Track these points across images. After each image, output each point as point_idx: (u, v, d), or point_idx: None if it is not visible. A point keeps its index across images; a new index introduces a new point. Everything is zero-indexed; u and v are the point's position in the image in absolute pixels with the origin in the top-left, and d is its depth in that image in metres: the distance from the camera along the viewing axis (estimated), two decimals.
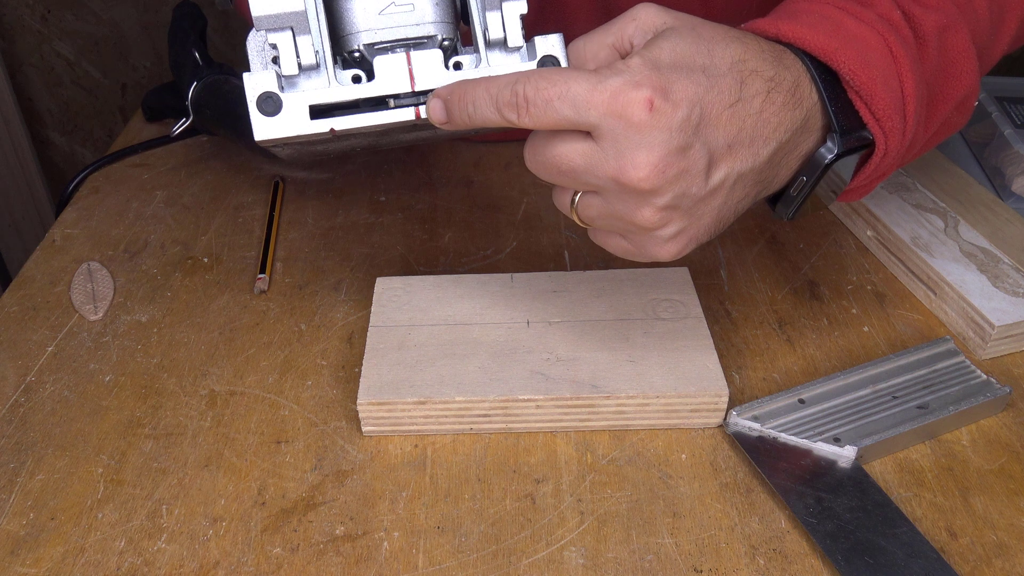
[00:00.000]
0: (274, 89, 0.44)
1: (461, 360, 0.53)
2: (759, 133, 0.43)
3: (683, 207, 0.43)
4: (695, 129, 0.41)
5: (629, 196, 0.42)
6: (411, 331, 0.55)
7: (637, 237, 0.45)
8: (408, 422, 0.51)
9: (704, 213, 0.44)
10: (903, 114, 0.46)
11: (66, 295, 0.64)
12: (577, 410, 0.51)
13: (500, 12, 0.45)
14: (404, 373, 0.52)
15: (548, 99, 0.40)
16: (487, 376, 0.51)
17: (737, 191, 0.44)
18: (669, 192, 0.41)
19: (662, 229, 0.43)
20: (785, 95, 0.43)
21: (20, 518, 0.47)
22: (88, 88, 1.45)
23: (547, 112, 0.41)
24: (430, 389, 0.51)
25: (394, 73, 0.45)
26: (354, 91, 0.45)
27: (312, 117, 0.45)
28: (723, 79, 0.42)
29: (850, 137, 0.45)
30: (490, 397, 0.50)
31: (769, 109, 0.43)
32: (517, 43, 0.46)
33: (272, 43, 0.44)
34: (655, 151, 0.40)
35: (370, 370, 0.52)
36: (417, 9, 0.45)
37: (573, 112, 0.40)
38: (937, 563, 0.43)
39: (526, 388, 0.51)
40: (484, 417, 0.51)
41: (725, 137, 0.42)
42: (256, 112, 0.44)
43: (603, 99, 0.40)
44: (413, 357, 0.53)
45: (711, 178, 0.42)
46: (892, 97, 0.45)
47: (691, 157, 0.41)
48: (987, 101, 0.83)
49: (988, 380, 0.53)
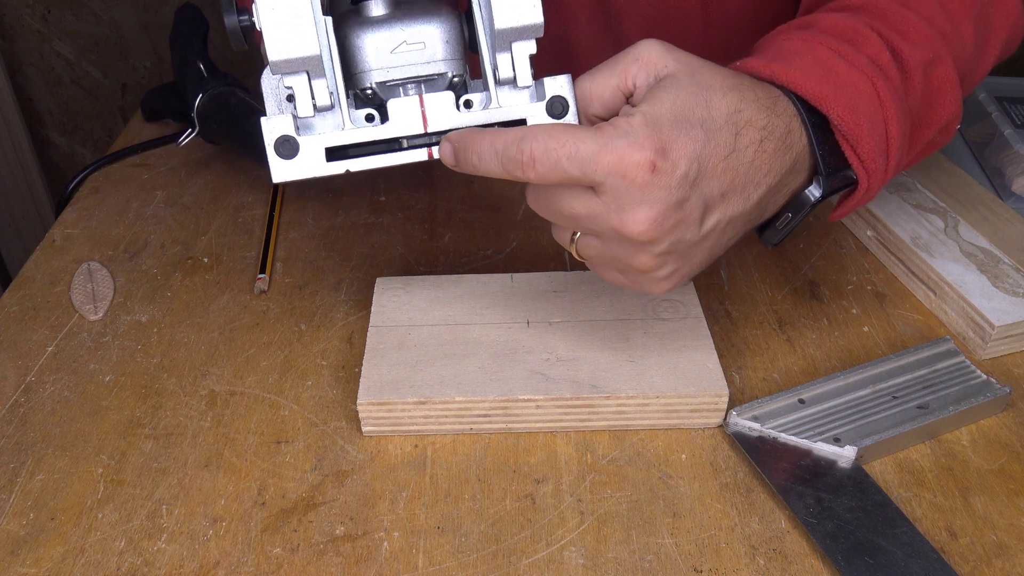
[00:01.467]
0: (291, 132, 0.45)
1: (461, 360, 0.53)
2: (751, 179, 0.45)
3: (678, 252, 0.45)
4: (692, 184, 0.43)
5: (628, 244, 0.45)
6: (411, 331, 0.55)
7: (633, 276, 0.47)
8: (408, 422, 0.51)
9: (696, 254, 0.47)
10: (886, 155, 0.49)
11: (66, 295, 0.64)
12: (577, 410, 0.51)
13: (510, 53, 0.46)
14: (404, 373, 0.52)
15: (556, 160, 0.43)
16: (487, 376, 0.51)
17: (728, 232, 0.47)
18: (666, 241, 0.44)
19: (657, 271, 0.46)
20: (776, 142, 0.45)
21: (20, 518, 0.47)
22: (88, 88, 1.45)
23: (554, 171, 0.43)
24: (430, 389, 0.51)
25: (407, 115, 0.46)
26: (368, 133, 0.46)
27: (328, 159, 0.46)
28: (719, 133, 0.44)
29: (835, 178, 0.48)
30: (490, 397, 0.50)
31: (761, 157, 0.45)
32: (526, 82, 0.47)
33: (288, 85, 0.45)
34: (655, 207, 0.43)
35: (370, 370, 0.52)
36: (428, 47, 0.46)
37: (580, 172, 0.42)
38: (937, 563, 0.43)
39: (526, 388, 0.51)
40: (484, 417, 0.51)
41: (719, 187, 0.44)
42: (274, 155, 0.45)
43: (608, 160, 0.42)
44: (413, 357, 0.53)
45: (704, 224, 0.45)
46: (877, 141, 0.48)
47: (687, 209, 0.44)
48: (987, 101, 0.83)
49: (988, 380, 0.53)
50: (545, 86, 0.47)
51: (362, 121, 0.47)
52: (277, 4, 0.44)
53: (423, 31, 0.46)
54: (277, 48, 0.44)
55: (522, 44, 0.46)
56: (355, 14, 0.47)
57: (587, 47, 0.74)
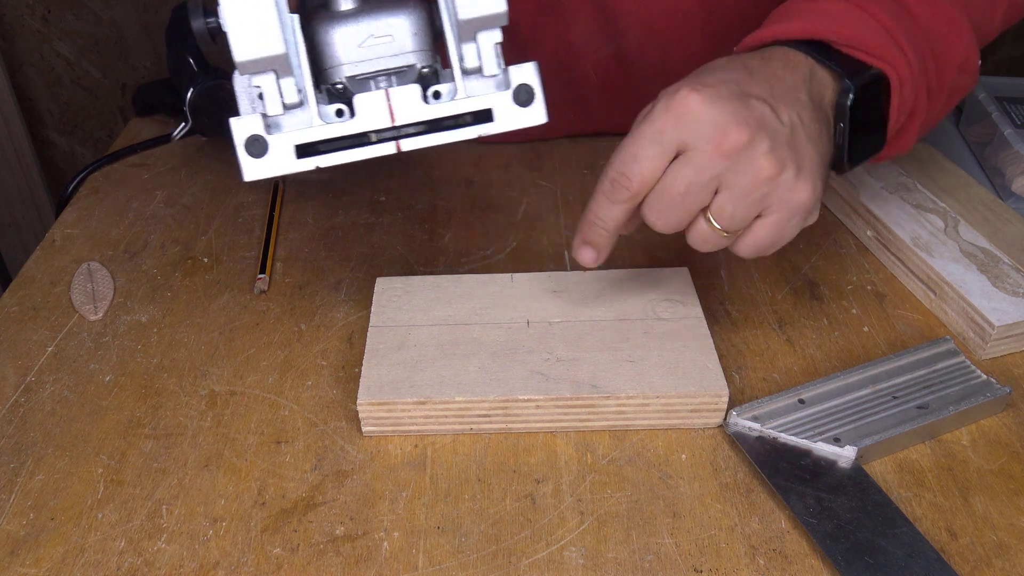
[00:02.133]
0: (260, 132, 0.45)
1: (461, 360, 0.53)
2: (783, 85, 0.49)
3: (782, 143, 0.46)
4: (739, 91, 0.47)
5: (741, 162, 0.46)
6: (411, 331, 0.55)
7: (773, 199, 0.47)
8: (408, 422, 0.51)
9: (802, 146, 0.48)
10: (898, 45, 0.51)
11: (66, 295, 0.64)
12: (577, 410, 0.51)
13: (475, 43, 0.46)
14: (404, 373, 0.52)
15: (633, 155, 0.46)
16: (487, 376, 0.51)
17: (810, 126, 0.48)
18: (763, 135, 0.46)
19: (784, 172, 0.46)
20: (777, 62, 0.50)
21: (20, 518, 0.47)
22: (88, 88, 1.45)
23: (641, 161, 0.46)
24: (430, 389, 0.51)
25: (374, 109, 0.46)
26: (337, 129, 0.46)
27: (298, 156, 0.46)
28: (733, 71, 0.49)
29: (860, 76, 0.51)
30: (490, 397, 0.50)
31: (777, 72, 0.49)
32: (493, 71, 0.47)
33: (256, 84, 0.45)
34: (727, 115, 0.45)
35: (370, 370, 0.52)
36: (396, 40, 0.46)
37: (657, 145, 0.46)
38: (937, 563, 0.43)
39: (526, 388, 0.51)
40: (484, 417, 0.51)
41: (763, 91, 0.48)
42: (244, 154, 0.46)
43: (664, 117, 0.46)
44: (413, 357, 0.53)
45: (782, 117, 0.47)
46: (877, 36, 0.51)
47: (754, 106, 0.46)
48: (987, 101, 0.83)
49: (988, 380, 0.53)
50: (511, 74, 0.47)
51: (332, 116, 0.47)
52: (241, 5, 0.44)
53: (390, 24, 0.46)
54: (243, 49, 0.44)
55: (487, 33, 0.46)
56: (324, 8, 0.47)
57: (586, 45, 0.74)
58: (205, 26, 0.46)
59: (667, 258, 0.66)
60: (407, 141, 0.47)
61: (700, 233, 0.49)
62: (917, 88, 0.53)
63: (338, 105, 0.47)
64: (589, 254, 0.51)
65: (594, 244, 0.50)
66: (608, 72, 0.75)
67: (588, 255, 0.51)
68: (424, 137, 0.47)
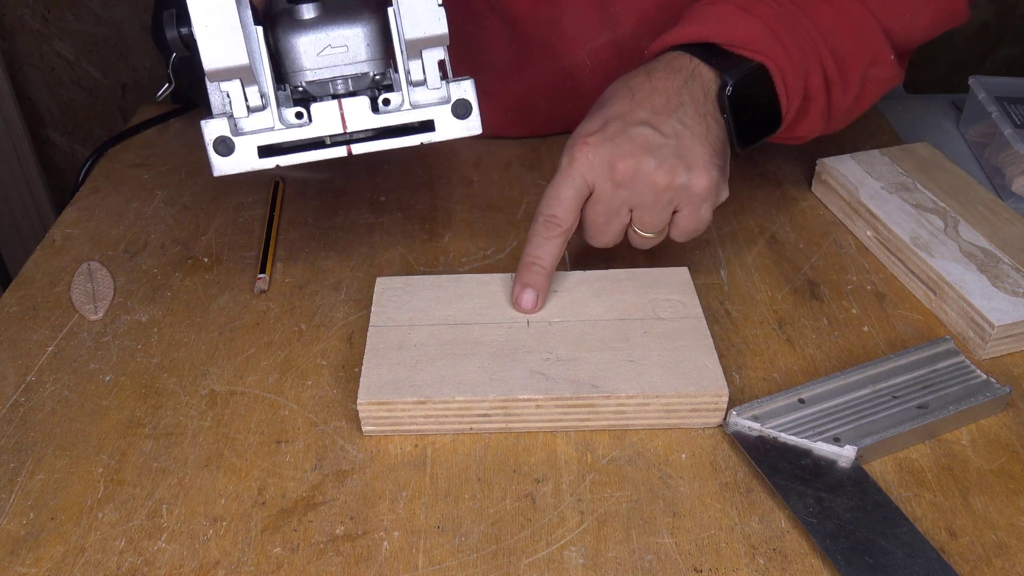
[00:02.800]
0: (227, 133, 0.51)
1: (461, 360, 0.53)
2: (661, 98, 0.56)
3: (668, 155, 0.54)
4: (620, 126, 0.55)
5: (637, 184, 0.54)
6: (411, 331, 0.55)
7: (679, 198, 0.55)
8: (408, 422, 0.51)
9: (688, 147, 0.55)
10: (778, 40, 0.58)
11: (66, 295, 0.64)
12: (577, 410, 0.51)
13: (420, 60, 0.52)
14: (404, 373, 0.52)
15: (556, 198, 0.55)
16: (487, 376, 0.51)
17: (693, 127, 0.55)
18: (647, 158, 0.54)
19: (676, 177, 0.54)
20: (660, 72, 0.58)
21: (20, 518, 0.47)
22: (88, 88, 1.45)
23: (563, 202, 0.55)
24: (430, 389, 0.51)
25: (328, 118, 0.52)
26: (295, 133, 0.52)
27: (260, 155, 0.52)
28: (616, 103, 0.57)
29: (739, 70, 0.58)
30: (490, 397, 0.50)
31: (658, 85, 0.57)
32: (435, 85, 0.53)
33: (225, 91, 0.51)
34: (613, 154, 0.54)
35: (370, 370, 0.52)
36: (351, 50, 0.52)
37: (571, 188, 0.55)
38: (937, 563, 0.43)
39: (526, 388, 0.51)
40: (484, 417, 0.51)
41: (644, 114, 0.56)
42: (212, 152, 0.52)
43: (569, 168, 0.55)
44: (413, 357, 0.53)
45: (664, 130, 0.55)
46: (757, 33, 0.58)
47: (635, 135, 0.54)
48: (987, 101, 0.83)
49: (988, 380, 0.53)
50: (451, 90, 0.53)
51: (292, 119, 0.52)
52: (210, 20, 0.48)
53: (346, 35, 0.51)
54: (211, 59, 0.49)
55: (431, 52, 0.52)
56: (288, 15, 0.52)
57: (580, 31, 0.74)
58: (179, 35, 0.51)
59: (667, 258, 0.66)
60: (357, 146, 0.53)
61: (635, 240, 0.58)
62: (807, 76, 0.59)
63: (297, 108, 0.52)
64: (529, 297, 0.56)
65: (534, 285, 0.56)
66: (604, 60, 0.75)
67: (529, 298, 0.56)
68: (373, 143, 0.53)
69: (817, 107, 0.62)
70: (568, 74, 0.77)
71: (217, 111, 0.53)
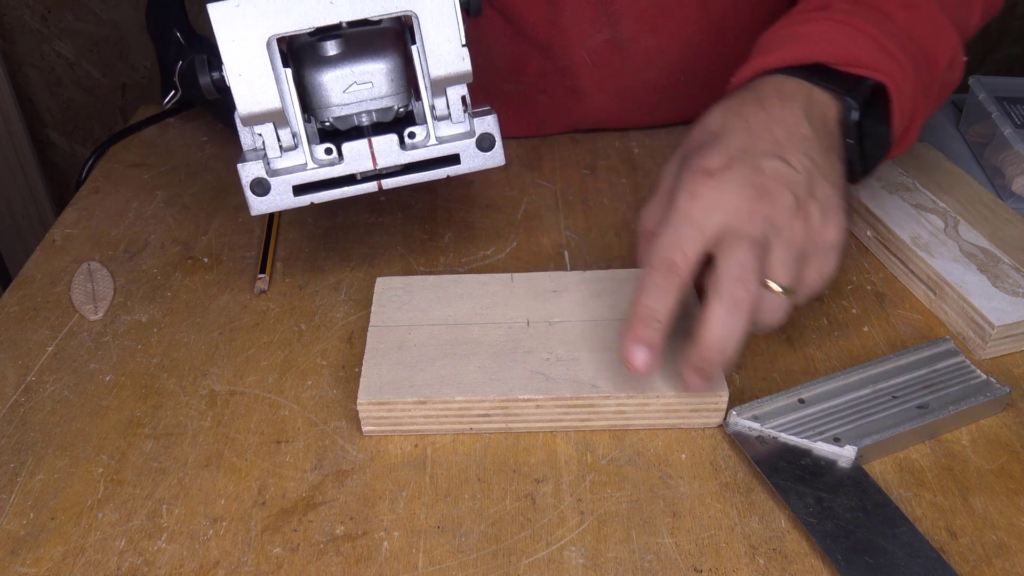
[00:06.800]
0: (263, 175, 0.53)
1: (461, 360, 0.53)
2: (784, 129, 0.49)
3: (802, 193, 0.47)
4: (748, 160, 0.47)
5: (775, 224, 0.46)
6: (411, 331, 0.55)
7: (810, 247, 0.47)
8: (408, 422, 0.51)
9: (820, 186, 0.48)
10: (889, 54, 0.52)
11: (66, 295, 0.64)
12: (577, 410, 0.51)
13: (445, 96, 0.54)
14: (404, 373, 0.52)
15: (676, 242, 0.46)
16: (487, 376, 0.51)
17: (821, 163, 0.49)
18: (784, 193, 0.47)
19: (810, 219, 0.47)
20: (772, 99, 0.51)
21: (20, 518, 0.47)
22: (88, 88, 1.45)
23: (685, 246, 0.46)
24: (430, 389, 0.51)
25: (359, 155, 0.54)
26: (328, 172, 0.54)
27: (295, 194, 0.54)
28: (734, 135, 0.49)
29: (860, 91, 0.52)
30: (490, 397, 0.50)
31: (775, 115, 0.50)
32: (459, 119, 0.55)
33: (258, 133, 0.53)
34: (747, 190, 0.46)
35: (370, 370, 0.52)
36: (375, 86, 0.53)
37: (694, 230, 0.46)
38: (937, 563, 0.43)
39: (526, 388, 0.51)
40: (484, 417, 0.51)
41: (768, 146, 0.48)
42: (250, 193, 0.54)
43: (691, 203, 0.46)
44: (413, 357, 0.53)
45: (794, 164, 0.48)
46: (868, 48, 0.52)
47: (766, 167, 0.47)
48: (987, 101, 0.83)
49: (988, 380, 0.53)
50: (475, 124, 0.55)
51: (321, 154, 0.54)
52: (243, 68, 0.50)
53: (370, 71, 0.53)
54: (246, 105, 0.51)
55: (454, 88, 0.54)
56: (311, 50, 0.53)
57: (579, 29, 0.74)
58: (211, 80, 0.52)
59: None
60: (388, 181, 0.55)
61: (769, 304, 0.47)
62: (915, 91, 0.54)
63: (327, 144, 0.54)
64: (643, 355, 0.46)
65: (648, 342, 0.46)
66: (603, 58, 0.75)
67: (642, 357, 0.46)
68: (402, 177, 0.55)
69: (918, 122, 0.56)
70: (568, 72, 0.77)
71: (247, 148, 0.55)
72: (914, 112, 0.55)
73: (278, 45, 0.52)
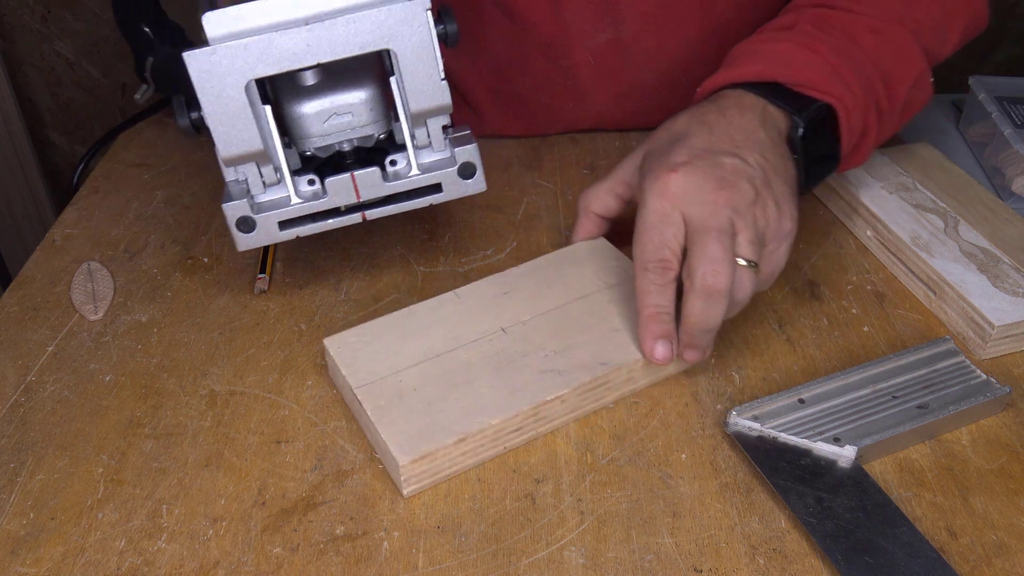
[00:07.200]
0: (249, 213, 0.53)
1: (468, 386, 0.51)
2: (742, 133, 0.54)
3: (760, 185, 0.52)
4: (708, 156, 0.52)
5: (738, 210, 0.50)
6: (400, 377, 0.52)
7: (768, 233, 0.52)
8: (448, 466, 0.48)
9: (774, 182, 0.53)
10: (842, 79, 0.57)
11: (66, 295, 0.64)
12: (596, 391, 0.52)
13: (426, 127, 0.55)
14: (425, 420, 0.49)
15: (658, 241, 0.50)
16: (504, 392, 0.50)
17: (775, 162, 0.54)
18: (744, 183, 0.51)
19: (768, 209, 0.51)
20: (732, 110, 0.56)
21: (20, 518, 0.47)
22: (88, 88, 1.45)
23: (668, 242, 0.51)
24: (461, 425, 0.48)
25: (343, 189, 0.54)
26: (312, 206, 0.54)
27: (280, 229, 0.55)
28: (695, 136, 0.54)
29: (808, 111, 0.56)
30: (522, 410, 0.49)
31: (734, 121, 0.55)
32: (440, 148, 0.56)
33: (242, 172, 0.53)
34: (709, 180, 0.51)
35: (389, 429, 0.48)
36: (355, 115, 0.53)
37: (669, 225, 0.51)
38: (937, 563, 0.43)
39: (548, 389, 0.50)
40: (517, 432, 0.50)
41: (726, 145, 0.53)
42: (236, 231, 0.54)
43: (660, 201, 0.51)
44: (421, 401, 0.50)
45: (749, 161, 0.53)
46: (822, 72, 0.57)
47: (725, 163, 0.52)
48: (987, 101, 0.83)
49: (988, 380, 0.53)
50: (456, 154, 0.55)
51: (305, 186, 0.54)
52: (222, 114, 0.50)
53: (350, 101, 0.53)
54: (227, 148, 0.51)
55: (435, 120, 0.54)
56: (290, 80, 0.53)
57: (583, 29, 0.74)
58: (190, 121, 0.52)
59: None
60: (371, 211, 0.56)
61: (739, 280, 0.50)
62: (866, 112, 0.58)
63: (309, 176, 0.54)
64: (663, 349, 0.51)
65: (666, 335, 0.51)
66: (606, 58, 0.75)
67: (663, 350, 0.51)
68: (385, 208, 0.56)
69: (870, 140, 0.61)
70: (570, 72, 0.77)
71: (229, 179, 0.55)
72: (865, 130, 0.59)
73: (256, 82, 0.51)
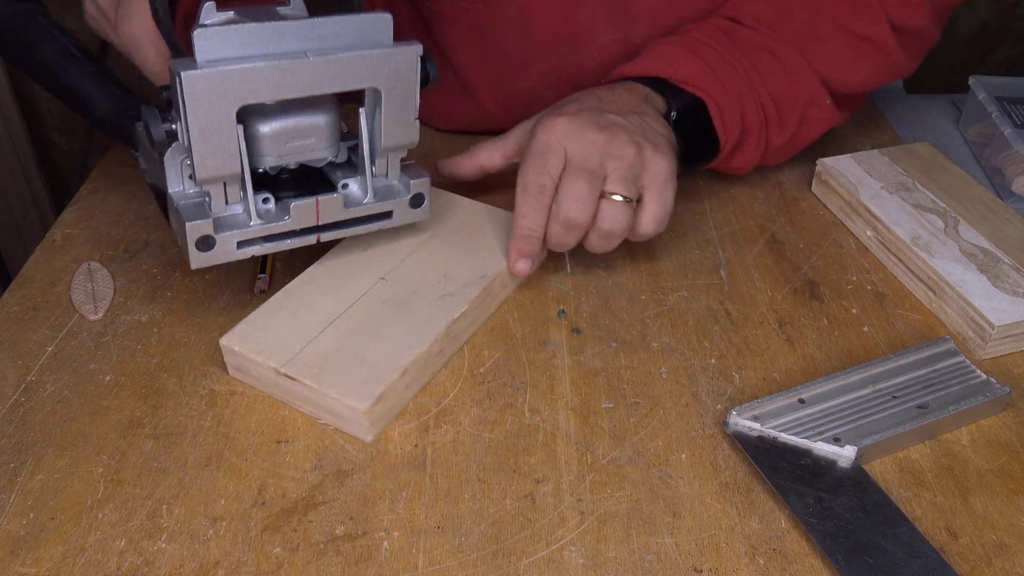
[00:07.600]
0: (210, 232, 0.53)
1: (382, 332, 0.55)
2: (627, 105, 0.64)
3: (636, 132, 0.60)
4: (593, 109, 0.62)
5: (612, 149, 0.58)
6: (315, 345, 0.54)
7: (645, 174, 0.59)
8: (395, 402, 0.53)
9: (652, 132, 0.61)
10: (717, 78, 0.66)
11: (66, 295, 0.64)
12: (485, 302, 0.59)
13: (386, 160, 0.58)
14: (361, 370, 0.52)
15: (540, 167, 0.59)
16: (416, 325, 0.55)
17: (654, 125, 0.62)
18: (619, 130, 0.59)
19: (644, 150, 0.59)
20: (620, 89, 0.66)
21: (20, 518, 0.47)
22: None
23: (549, 169, 0.59)
24: (398, 361, 0.52)
25: (305, 213, 0.55)
26: (272, 228, 0.55)
27: (237, 248, 0.55)
28: (585, 100, 0.64)
29: (680, 99, 0.66)
30: (440, 332, 0.55)
31: (621, 97, 0.65)
32: (396, 178, 0.59)
33: (206, 191, 0.53)
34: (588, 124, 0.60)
35: (337, 386, 0.51)
36: (313, 139, 0.54)
37: (553, 155, 0.59)
38: (937, 563, 0.43)
39: (451, 309, 0.56)
40: (439, 355, 0.55)
41: (612, 108, 0.62)
42: (194, 249, 0.53)
43: (546, 136, 0.60)
44: (348, 357, 0.53)
45: (630, 120, 0.61)
46: (697, 71, 0.66)
47: (607, 116, 0.61)
48: (987, 101, 0.83)
49: (988, 380, 0.53)
50: (410, 185, 0.58)
51: (260, 204, 0.55)
52: (208, 134, 0.50)
53: (310, 125, 0.54)
54: (206, 170, 0.51)
55: (394, 153, 0.57)
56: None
57: (593, 26, 0.74)
58: (164, 133, 0.51)
59: (665, 257, 0.66)
60: (325, 234, 0.57)
61: (608, 210, 0.58)
62: (744, 112, 0.67)
63: (264, 194, 0.55)
64: (525, 265, 0.60)
65: (530, 254, 0.60)
66: (613, 56, 0.75)
67: (524, 266, 0.60)
68: (338, 231, 0.58)
69: (752, 141, 0.69)
70: (576, 68, 0.77)
71: (174, 190, 0.54)
72: (746, 130, 0.68)
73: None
